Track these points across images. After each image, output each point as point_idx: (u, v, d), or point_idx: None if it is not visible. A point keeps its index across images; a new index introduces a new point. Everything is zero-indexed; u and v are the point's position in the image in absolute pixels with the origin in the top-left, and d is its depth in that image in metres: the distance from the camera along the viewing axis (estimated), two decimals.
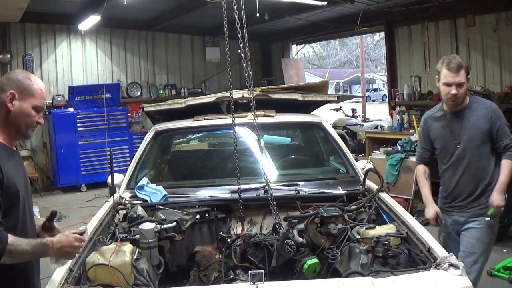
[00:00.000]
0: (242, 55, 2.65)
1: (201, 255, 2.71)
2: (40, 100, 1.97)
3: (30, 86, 1.95)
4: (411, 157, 6.48)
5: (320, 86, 4.63)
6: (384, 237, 2.25)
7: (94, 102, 9.30)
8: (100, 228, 2.53)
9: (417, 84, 8.61)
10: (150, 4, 8.52)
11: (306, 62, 31.09)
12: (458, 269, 1.87)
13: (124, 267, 2.07)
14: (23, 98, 1.92)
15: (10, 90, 1.90)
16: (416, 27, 8.66)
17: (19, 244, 1.75)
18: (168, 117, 4.19)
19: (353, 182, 3.28)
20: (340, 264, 2.41)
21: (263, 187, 3.01)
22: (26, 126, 1.95)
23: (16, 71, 2.04)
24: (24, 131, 1.96)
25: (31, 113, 1.94)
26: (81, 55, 9.72)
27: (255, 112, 2.79)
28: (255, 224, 3.03)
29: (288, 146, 4.25)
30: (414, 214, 5.73)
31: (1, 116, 1.91)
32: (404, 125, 8.04)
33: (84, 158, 8.88)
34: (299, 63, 12.68)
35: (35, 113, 1.95)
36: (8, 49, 8.81)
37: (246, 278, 2.15)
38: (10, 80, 1.94)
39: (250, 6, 4.96)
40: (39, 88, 1.97)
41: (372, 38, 27.81)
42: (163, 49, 10.84)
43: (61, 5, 8.57)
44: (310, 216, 2.69)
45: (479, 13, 7.55)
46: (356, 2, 7.88)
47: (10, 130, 1.93)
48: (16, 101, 1.91)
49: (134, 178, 3.43)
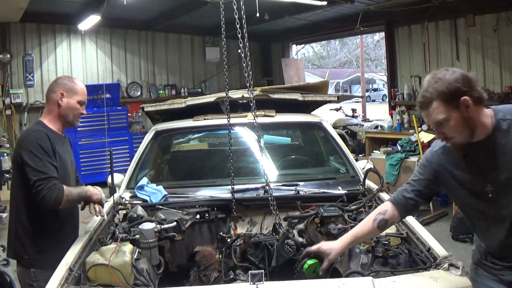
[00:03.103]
0: (242, 55, 2.64)
1: (201, 255, 2.71)
2: (82, 96, 2.62)
3: (74, 86, 2.60)
4: (411, 157, 6.50)
5: (320, 86, 4.64)
6: (384, 237, 2.25)
7: (94, 102, 9.30)
8: (100, 228, 2.53)
9: (417, 84, 8.62)
10: (150, 4, 8.52)
11: (306, 62, 31.10)
12: (458, 269, 1.87)
13: (124, 267, 2.07)
14: (70, 96, 2.57)
15: (60, 90, 2.56)
16: (416, 27, 8.67)
17: (70, 190, 2.44)
18: (168, 117, 4.19)
19: (353, 182, 3.28)
20: (340, 264, 2.41)
21: (263, 187, 3.01)
22: (74, 116, 2.61)
23: (62, 76, 2.74)
24: (72, 120, 2.62)
25: (76, 106, 2.60)
26: (81, 55, 9.72)
27: (255, 112, 2.79)
28: (255, 224, 3.03)
29: (288, 146, 4.25)
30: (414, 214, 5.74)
31: (54, 111, 2.57)
32: (404, 125, 8.05)
33: (84, 158, 8.87)
34: (299, 63, 12.69)
35: (79, 106, 2.61)
36: (8, 49, 8.81)
37: (246, 278, 2.15)
38: (58, 83, 2.61)
39: (250, 6, 4.97)
40: (81, 88, 2.63)
41: (372, 38, 27.83)
42: (163, 49, 10.84)
43: (61, 5, 8.57)
44: (310, 216, 2.68)
45: (479, 13, 7.56)
46: (356, 2, 7.89)
47: (61, 120, 2.60)
48: (64, 98, 2.56)
49: (134, 178, 3.43)
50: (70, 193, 2.42)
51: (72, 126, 2.70)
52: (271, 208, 2.65)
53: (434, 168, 2.01)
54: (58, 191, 2.35)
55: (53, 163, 2.42)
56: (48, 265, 2.38)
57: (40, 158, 2.38)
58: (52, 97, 2.58)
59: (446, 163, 1.98)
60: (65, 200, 2.38)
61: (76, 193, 2.47)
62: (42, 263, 2.48)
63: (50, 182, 2.34)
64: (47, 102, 2.62)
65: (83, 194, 2.50)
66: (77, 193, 2.47)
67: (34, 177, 2.34)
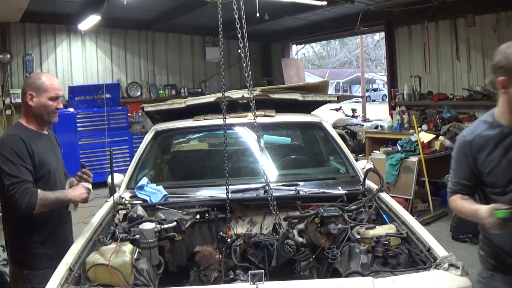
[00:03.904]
0: (242, 55, 2.64)
1: (201, 255, 2.71)
2: (53, 92, 2.56)
3: (42, 84, 2.53)
4: (411, 157, 6.49)
5: (320, 86, 4.63)
6: (384, 237, 2.25)
7: (94, 102, 9.30)
8: (100, 228, 2.53)
9: (417, 84, 8.62)
10: (150, 4, 8.52)
11: (306, 62, 31.09)
12: (458, 269, 1.87)
13: (124, 267, 2.07)
14: (39, 95, 2.52)
15: (29, 91, 2.52)
16: (416, 27, 8.67)
17: (45, 194, 2.38)
18: (168, 117, 4.19)
19: (353, 182, 3.28)
20: (340, 264, 2.41)
21: (263, 187, 3.01)
22: (48, 114, 2.57)
23: (31, 75, 2.71)
24: (47, 118, 2.58)
25: (48, 104, 2.54)
26: (81, 55, 9.72)
27: (255, 112, 2.79)
28: (255, 224, 3.03)
29: (288, 146, 4.25)
30: (414, 214, 5.73)
31: (29, 111, 2.55)
32: (404, 125, 8.05)
33: (84, 158, 8.86)
34: (299, 63, 12.68)
35: (52, 102, 2.56)
36: (8, 49, 8.81)
37: (246, 278, 2.14)
38: (27, 84, 2.58)
39: (250, 6, 4.97)
40: (50, 84, 2.55)
41: (372, 38, 27.81)
42: (163, 49, 10.84)
43: (61, 5, 8.57)
44: (310, 216, 2.68)
45: (479, 13, 7.56)
46: (356, 2, 7.89)
47: (38, 120, 2.58)
48: (35, 98, 2.52)
49: (134, 178, 3.43)
50: (45, 197, 2.37)
51: (50, 123, 2.65)
52: (271, 208, 2.65)
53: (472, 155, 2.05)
54: (31, 195, 2.33)
55: (27, 167, 2.40)
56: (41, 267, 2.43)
57: (14, 163, 2.36)
58: (23, 98, 2.56)
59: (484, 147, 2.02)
60: (39, 204, 2.34)
61: (53, 198, 2.42)
62: (35, 265, 2.47)
63: (22, 186, 2.33)
64: (22, 103, 2.60)
65: (62, 199, 2.46)
66: (54, 198, 2.42)
67: (7, 181, 2.33)
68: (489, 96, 7.28)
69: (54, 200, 2.42)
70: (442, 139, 7.07)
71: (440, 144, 6.88)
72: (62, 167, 2.78)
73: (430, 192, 6.45)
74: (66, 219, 2.72)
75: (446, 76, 8.27)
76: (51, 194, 2.42)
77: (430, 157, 6.58)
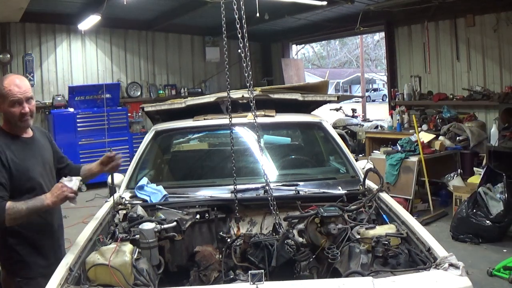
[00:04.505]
0: (242, 55, 2.64)
1: (201, 255, 2.71)
2: (13, 96, 2.36)
3: (1, 90, 2.36)
4: (411, 157, 6.49)
5: (320, 86, 4.63)
6: (384, 237, 2.24)
7: (94, 102, 9.30)
8: (100, 228, 2.53)
9: (417, 84, 8.63)
10: (150, 4, 8.52)
11: (306, 62, 31.09)
12: (458, 269, 1.87)
13: (124, 267, 2.07)
14: (2, 102, 2.37)
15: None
16: (416, 27, 8.67)
17: (14, 206, 2.19)
18: (168, 117, 4.19)
19: (353, 182, 3.28)
20: (340, 264, 2.41)
21: (263, 187, 3.01)
22: (15, 120, 2.40)
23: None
24: (19, 124, 2.42)
25: (10, 110, 2.37)
26: (81, 55, 9.72)
27: (255, 112, 2.79)
28: (255, 224, 3.03)
29: (288, 146, 4.24)
30: (414, 214, 5.74)
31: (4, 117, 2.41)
32: (404, 125, 8.06)
33: (84, 158, 8.84)
34: (299, 63, 12.68)
35: (14, 109, 2.37)
36: (8, 49, 8.81)
37: (246, 278, 2.14)
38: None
39: (250, 6, 4.96)
40: (8, 89, 2.35)
41: (372, 38, 27.82)
42: (163, 49, 10.84)
43: (61, 5, 8.57)
44: (310, 216, 2.68)
45: (479, 13, 7.56)
46: (356, 2, 7.89)
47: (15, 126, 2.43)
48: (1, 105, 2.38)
49: (134, 178, 3.42)
50: (15, 210, 2.19)
51: (24, 128, 2.49)
52: (271, 208, 2.65)
53: None
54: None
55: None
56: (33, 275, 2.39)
57: None
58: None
59: None
60: (8, 218, 2.18)
61: (24, 209, 2.20)
62: (27, 273, 2.42)
63: None
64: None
65: (37, 207, 2.24)
66: (25, 209, 2.21)
67: None
68: (489, 96, 7.29)
69: (26, 212, 2.22)
70: (442, 139, 7.07)
71: (440, 144, 6.88)
72: (50, 171, 2.62)
73: (430, 192, 6.45)
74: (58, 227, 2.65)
75: (446, 76, 8.27)
76: (23, 205, 2.21)
77: (430, 157, 6.59)
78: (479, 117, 7.53)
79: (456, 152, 7.01)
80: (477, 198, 5.28)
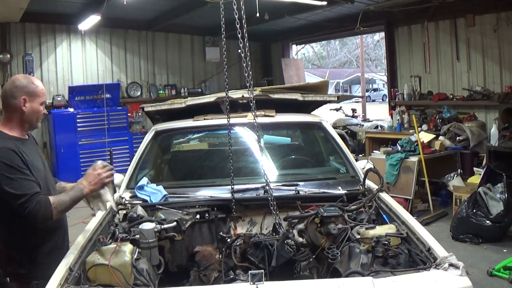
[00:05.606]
0: (242, 55, 2.64)
1: (201, 255, 2.71)
2: (44, 97, 2.52)
3: (35, 89, 2.45)
4: (411, 157, 6.49)
5: (320, 86, 4.63)
6: (384, 237, 2.24)
7: (94, 102, 9.31)
8: (100, 228, 2.53)
9: (417, 84, 8.63)
10: (150, 4, 8.52)
11: (306, 62, 31.09)
12: (458, 269, 1.87)
13: (124, 267, 2.07)
14: (32, 100, 2.43)
15: (22, 96, 2.40)
16: (416, 27, 8.67)
17: (58, 199, 2.28)
18: (168, 117, 4.19)
19: (353, 182, 3.28)
20: (340, 264, 2.41)
21: (263, 187, 3.01)
22: (37, 119, 2.51)
23: (19, 78, 2.49)
24: (35, 124, 2.52)
25: (40, 109, 2.48)
26: (81, 55, 9.72)
27: (255, 112, 2.79)
28: (255, 224, 3.03)
29: (288, 146, 4.24)
30: (414, 214, 5.74)
31: (17, 117, 2.42)
32: (404, 125, 8.06)
33: (84, 158, 8.87)
34: (299, 63, 12.68)
35: (42, 108, 2.50)
36: (8, 49, 8.81)
37: (246, 278, 2.14)
38: (18, 87, 2.42)
39: (250, 6, 4.97)
40: (41, 88, 2.50)
41: (372, 38, 27.81)
42: (163, 49, 10.84)
43: (61, 5, 8.57)
44: (310, 216, 2.68)
45: (479, 13, 7.56)
46: (356, 2, 7.89)
47: (25, 126, 2.47)
48: (28, 104, 2.41)
49: (134, 178, 3.43)
50: (60, 203, 2.26)
51: (35, 128, 2.58)
52: (271, 208, 2.65)
53: None
54: (44, 207, 2.21)
55: (29, 179, 2.27)
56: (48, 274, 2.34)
57: (14, 179, 2.22)
58: (13, 103, 2.39)
59: None
60: (56, 212, 2.25)
61: (67, 200, 2.30)
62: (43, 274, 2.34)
63: (33, 202, 2.20)
64: (7, 108, 2.43)
65: (78, 196, 2.32)
66: (69, 199, 2.30)
67: (16, 201, 2.20)
68: (489, 96, 7.29)
69: (70, 202, 2.31)
70: (442, 139, 7.07)
71: (440, 144, 6.89)
72: (48, 171, 2.65)
73: (430, 192, 6.45)
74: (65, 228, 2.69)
75: (446, 76, 8.27)
76: (65, 197, 2.31)
77: (430, 157, 6.59)
78: (479, 117, 7.53)
79: (456, 152, 7.02)
80: (477, 198, 5.29)
